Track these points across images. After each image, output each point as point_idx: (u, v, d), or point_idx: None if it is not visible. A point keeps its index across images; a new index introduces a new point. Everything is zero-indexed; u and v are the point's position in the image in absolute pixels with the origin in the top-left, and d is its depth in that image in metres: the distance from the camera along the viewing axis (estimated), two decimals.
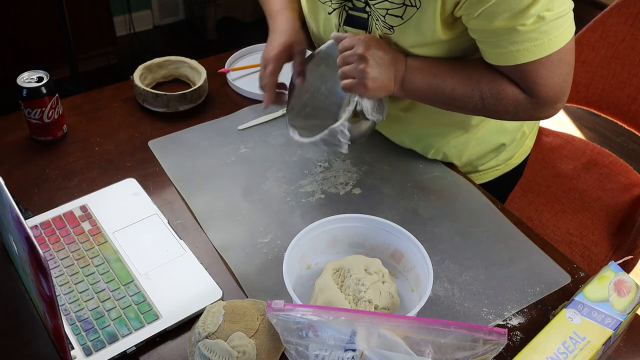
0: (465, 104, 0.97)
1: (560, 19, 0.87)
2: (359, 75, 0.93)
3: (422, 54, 0.97)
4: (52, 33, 2.50)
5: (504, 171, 1.23)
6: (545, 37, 0.87)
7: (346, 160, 1.14)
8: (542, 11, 0.84)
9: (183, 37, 3.23)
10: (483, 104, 0.96)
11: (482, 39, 0.91)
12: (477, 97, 0.95)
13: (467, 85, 0.95)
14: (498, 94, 0.94)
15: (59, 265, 0.92)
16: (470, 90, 0.95)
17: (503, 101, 0.95)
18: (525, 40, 0.87)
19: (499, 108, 0.96)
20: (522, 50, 0.88)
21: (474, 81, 0.95)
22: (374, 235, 0.91)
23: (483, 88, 0.95)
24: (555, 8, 0.85)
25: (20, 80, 1.10)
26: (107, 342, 0.83)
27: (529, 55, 0.88)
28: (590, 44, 1.43)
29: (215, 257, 0.96)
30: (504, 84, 0.94)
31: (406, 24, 0.94)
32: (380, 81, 0.94)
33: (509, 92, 0.94)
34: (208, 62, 1.33)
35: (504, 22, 0.86)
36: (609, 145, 2.41)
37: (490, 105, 0.96)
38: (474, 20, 0.88)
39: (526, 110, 0.96)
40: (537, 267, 0.96)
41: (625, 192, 1.40)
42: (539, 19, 0.85)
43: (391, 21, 0.95)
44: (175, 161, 1.13)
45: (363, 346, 0.69)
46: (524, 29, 0.86)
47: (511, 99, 0.94)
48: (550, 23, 0.86)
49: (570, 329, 0.80)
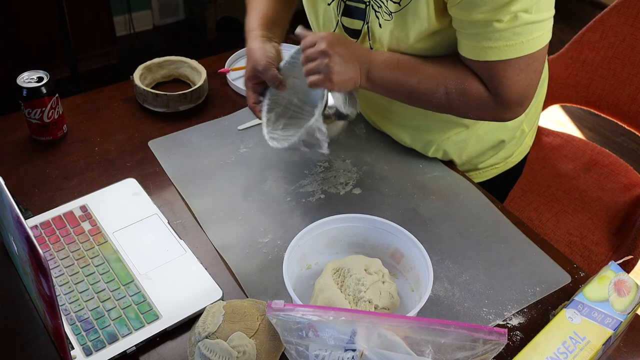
0: (430, 98, 0.99)
1: (536, 24, 0.89)
2: (324, 70, 0.94)
3: (422, 47, 0.98)
4: (52, 33, 2.50)
5: (503, 169, 1.24)
6: (518, 39, 0.89)
7: (346, 160, 1.14)
8: (520, 11, 0.86)
9: (183, 37, 3.23)
10: (447, 98, 0.97)
11: (460, 29, 0.93)
12: (442, 92, 0.97)
13: (432, 80, 0.97)
14: (463, 89, 0.96)
15: (59, 265, 0.92)
16: (435, 85, 0.97)
17: (467, 97, 0.97)
18: (499, 38, 0.89)
19: (463, 104, 0.98)
20: (494, 48, 0.90)
21: (440, 77, 0.97)
22: (374, 235, 0.91)
23: (448, 84, 0.97)
24: (534, 12, 0.87)
25: (20, 80, 1.10)
26: (107, 342, 0.83)
27: (500, 54, 0.91)
28: (590, 44, 1.43)
29: (215, 257, 0.96)
30: (469, 81, 0.96)
31: (404, 10, 0.95)
32: (346, 74, 0.95)
33: (474, 88, 0.96)
34: (208, 62, 1.33)
35: (483, 15, 0.87)
36: (609, 145, 2.41)
37: (455, 101, 0.98)
38: (455, 8, 0.90)
39: (489, 109, 0.98)
40: (537, 267, 0.96)
41: (625, 192, 1.40)
42: (514, 17, 0.87)
43: (391, 7, 0.97)
44: (175, 161, 1.13)
45: (363, 346, 0.69)
46: (499, 26, 0.88)
47: (475, 96, 0.96)
48: (525, 26, 0.88)
49: (570, 329, 0.80)
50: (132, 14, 3.06)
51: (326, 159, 1.14)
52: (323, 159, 1.14)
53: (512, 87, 0.94)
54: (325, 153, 1.00)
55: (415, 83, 0.98)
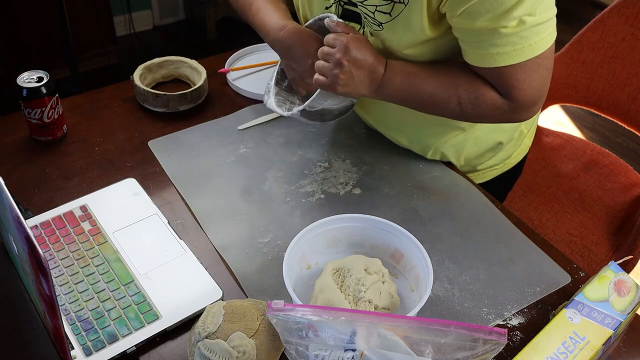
0: (443, 109, 0.98)
1: (542, 25, 0.88)
2: (332, 78, 0.95)
3: (414, 54, 0.97)
4: (52, 33, 2.50)
5: (502, 170, 1.23)
6: (526, 42, 0.88)
7: (346, 160, 1.14)
8: (524, 15, 0.85)
9: (183, 37, 3.23)
10: (460, 109, 0.97)
11: (463, 38, 0.92)
12: (455, 102, 0.97)
13: (445, 90, 0.96)
14: (476, 98, 0.95)
15: (59, 265, 0.92)
16: (448, 95, 0.96)
17: (481, 106, 0.96)
18: (505, 43, 0.88)
19: (477, 112, 0.97)
20: (502, 54, 0.89)
21: (452, 86, 0.96)
22: (374, 235, 0.91)
23: (461, 93, 0.96)
24: (537, 14, 0.86)
25: (20, 80, 1.10)
26: (107, 342, 0.83)
27: (508, 59, 0.90)
28: (590, 44, 1.43)
29: (215, 257, 0.96)
30: (482, 88, 0.95)
31: (394, 21, 0.95)
32: (351, 87, 0.96)
33: (487, 96, 0.95)
34: (208, 62, 1.33)
35: (486, 23, 0.86)
36: (609, 145, 2.41)
37: (468, 110, 0.97)
38: (457, 18, 0.88)
39: (503, 113, 0.97)
40: (537, 267, 0.96)
41: (625, 192, 1.40)
42: (520, 22, 0.86)
43: (380, 18, 0.96)
44: (175, 161, 1.13)
45: (363, 346, 0.69)
46: (505, 32, 0.87)
47: (489, 103, 0.96)
48: (531, 29, 0.87)
49: (570, 328, 0.80)
50: (132, 14, 3.06)
51: (326, 159, 1.14)
52: (323, 159, 1.14)
53: (525, 89, 0.93)
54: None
55: (427, 96, 0.97)
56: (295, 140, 1.18)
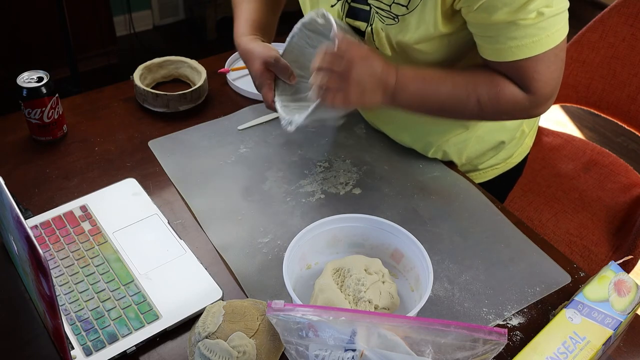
0: (462, 109, 0.97)
1: (558, 16, 0.88)
2: (343, 95, 0.90)
3: (424, 49, 0.97)
4: (52, 33, 2.50)
5: (503, 170, 1.23)
6: (544, 33, 0.88)
7: (346, 160, 1.14)
8: (542, 7, 0.86)
9: (183, 37, 3.23)
10: (480, 107, 0.96)
11: (480, 33, 0.92)
12: (474, 101, 0.96)
13: (463, 89, 0.96)
14: (497, 94, 0.95)
15: (59, 265, 0.92)
16: (467, 95, 0.95)
17: (501, 102, 0.95)
18: (524, 36, 0.88)
19: (497, 109, 0.96)
20: (521, 46, 0.89)
21: (470, 84, 0.95)
22: (374, 235, 0.91)
23: (480, 91, 0.95)
24: (554, 5, 0.87)
25: (20, 80, 1.10)
26: (107, 342, 0.83)
27: (528, 52, 0.89)
28: (590, 44, 1.43)
29: (215, 257, 0.96)
30: (502, 84, 0.94)
31: (410, 14, 0.94)
32: (363, 100, 0.93)
33: (507, 91, 0.94)
34: (208, 62, 1.33)
35: (504, 16, 0.86)
36: (609, 145, 2.41)
37: (488, 108, 0.96)
38: (473, 13, 0.88)
39: (524, 108, 0.97)
40: (537, 267, 0.96)
41: (625, 192, 1.40)
42: (539, 14, 0.86)
43: (397, 10, 0.95)
44: (175, 161, 1.13)
45: (363, 346, 0.69)
46: (524, 24, 0.87)
47: (509, 99, 0.95)
48: (549, 19, 0.87)
49: (570, 329, 0.80)
50: (132, 14, 3.06)
51: (326, 159, 1.14)
52: (323, 159, 1.14)
53: (545, 81, 0.93)
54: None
55: (445, 98, 0.96)
56: (295, 140, 1.18)
